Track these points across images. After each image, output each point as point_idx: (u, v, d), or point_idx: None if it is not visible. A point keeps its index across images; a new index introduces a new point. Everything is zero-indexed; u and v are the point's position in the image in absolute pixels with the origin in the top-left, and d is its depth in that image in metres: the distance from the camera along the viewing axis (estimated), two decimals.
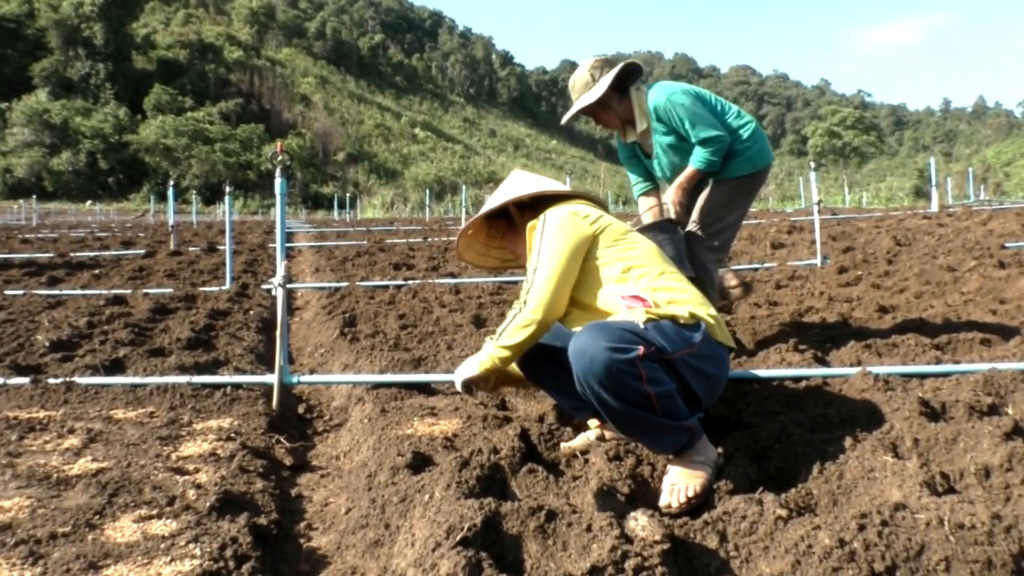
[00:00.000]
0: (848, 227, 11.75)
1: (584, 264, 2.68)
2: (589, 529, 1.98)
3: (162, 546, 2.17)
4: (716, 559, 2.00)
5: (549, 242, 2.67)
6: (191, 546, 2.15)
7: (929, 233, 9.62)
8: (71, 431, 3.32)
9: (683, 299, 2.61)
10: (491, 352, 2.69)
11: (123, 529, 2.31)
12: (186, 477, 2.77)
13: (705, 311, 2.60)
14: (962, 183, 38.03)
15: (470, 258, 3.27)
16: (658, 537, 1.94)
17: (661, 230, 4.06)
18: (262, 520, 2.39)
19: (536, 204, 2.89)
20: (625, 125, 4.36)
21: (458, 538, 1.95)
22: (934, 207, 15.17)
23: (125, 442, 3.17)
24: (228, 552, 2.11)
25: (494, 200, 2.97)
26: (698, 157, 4.10)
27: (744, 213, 4.34)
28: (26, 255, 11.64)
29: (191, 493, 2.57)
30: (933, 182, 15.89)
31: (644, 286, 2.63)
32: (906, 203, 38.26)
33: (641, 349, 2.28)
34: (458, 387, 2.81)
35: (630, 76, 4.23)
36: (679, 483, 2.35)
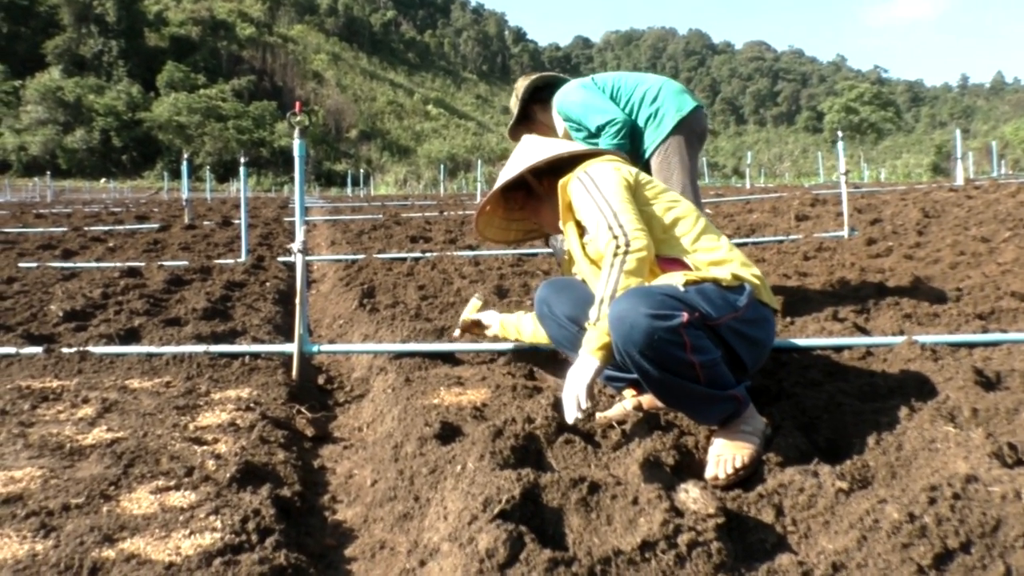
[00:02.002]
0: (873, 200, 11.51)
1: None
2: (635, 502, 1.85)
3: (181, 518, 2.04)
4: (772, 534, 1.87)
5: (602, 185, 2.48)
6: (211, 518, 2.03)
7: (958, 205, 9.39)
8: (85, 401, 3.20)
9: (725, 258, 2.45)
10: (604, 327, 2.23)
11: (139, 500, 2.19)
12: (205, 447, 2.65)
13: (748, 271, 2.45)
14: (980, 159, 37.54)
15: (491, 235, 3.11)
16: (712, 510, 1.81)
17: None
18: (285, 492, 2.27)
19: (555, 170, 2.73)
20: (559, 133, 4.41)
21: (496, 511, 1.83)
22: (959, 180, 14.89)
23: (141, 412, 3.06)
24: (250, 525, 1.99)
25: (509, 171, 2.79)
26: (604, 145, 4.10)
27: (693, 167, 4.25)
28: (40, 229, 11.56)
29: (210, 464, 2.45)
30: (958, 154, 15.61)
31: (685, 245, 2.47)
32: (925, 179, 37.80)
33: (685, 315, 2.12)
34: (584, 402, 2.23)
35: (548, 88, 4.33)
36: (725, 454, 2.21)
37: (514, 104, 4.43)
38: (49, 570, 1.77)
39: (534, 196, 2.85)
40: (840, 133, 8.02)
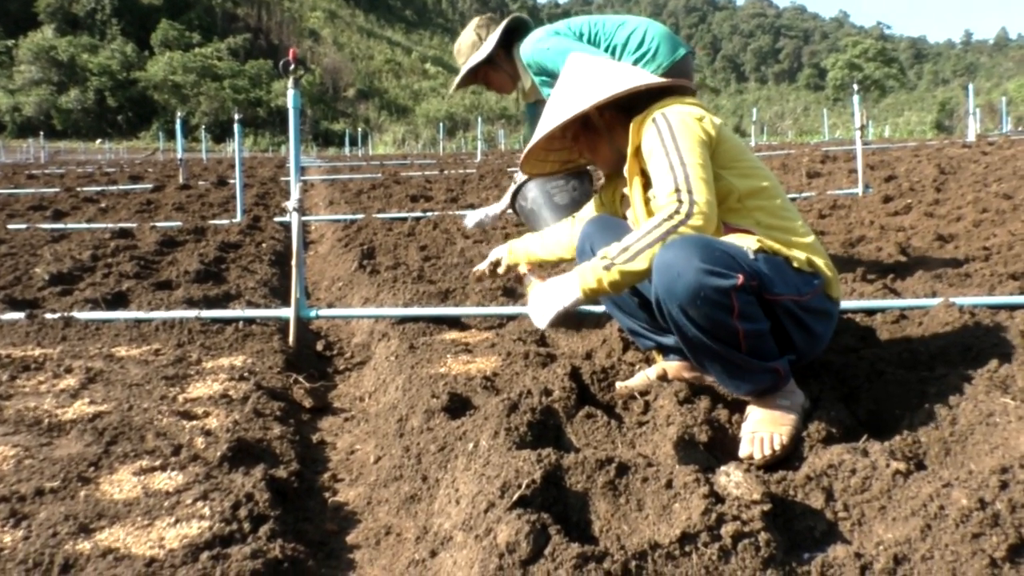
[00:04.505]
0: (885, 156, 11.26)
1: None
2: (669, 485, 1.65)
3: (166, 504, 1.85)
4: (822, 521, 1.67)
5: (679, 135, 2.12)
6: (199, 504, 1.84)
7: (974, 161, 9.13)
8: (68, 370, 3.00)
9: (802, 240, 2.18)
10: (619, 269, 1.98)
11: (121, 483, 1.99)
12: (194, 422, 2.45)
13: (822, 261, 2.19)
14: (983, 116, 37.11)
15: (528, 169, 2.71)
16: (757, 496, 1.61)
17: (550, 180, 3.87)
18: (281, 472, 2.08)
19: (622, 103, 2.31)
20: (518, 85, 3.99)
21: (515, 497, 1.63)
22: (971, 136, 14.59)
23: (127, 383, 2.86)
24: (242, 511, 1.79)
25: (572, 101, 2.34)
26: None
27: None
28: (31, 190, 11.31)
29: (200, 441, 2.25)
30: (971, 110, 15.31)
31: (759, 218, 2.17)
32: (929, 136, 37.37)
33: (740, 278, 1.88)
34: (547, 320, 2.10)
35: (517, 32, 3.88)
36: (761, 431, 2.01)
37: (473, 44, 3.92)
38: (15, 567, 1.58)
39: (591, 129, 2.44)
40: (856, 86, 7.74)
